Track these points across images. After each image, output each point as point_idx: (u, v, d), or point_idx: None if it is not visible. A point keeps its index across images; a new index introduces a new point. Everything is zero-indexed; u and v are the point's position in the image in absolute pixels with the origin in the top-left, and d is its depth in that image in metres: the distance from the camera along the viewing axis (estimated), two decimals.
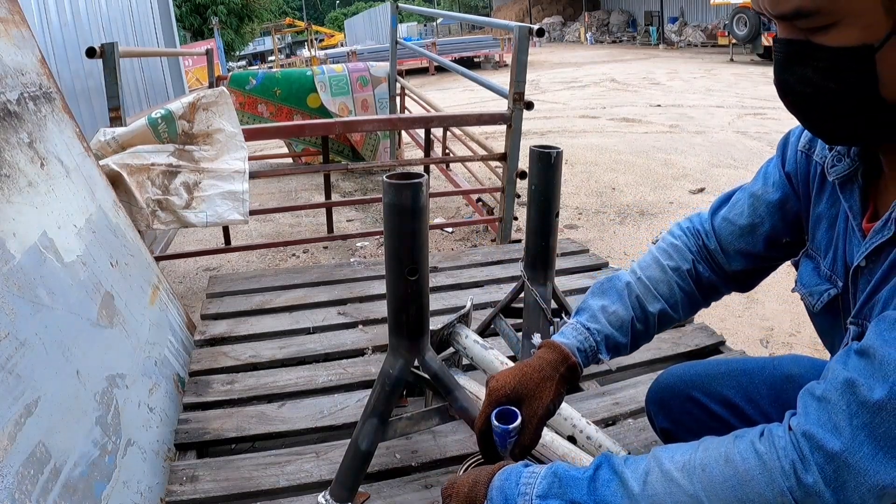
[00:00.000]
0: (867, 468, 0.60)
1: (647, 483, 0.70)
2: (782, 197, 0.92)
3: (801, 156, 0.89)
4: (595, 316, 0.98)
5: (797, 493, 0.63)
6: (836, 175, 0.80)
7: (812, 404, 0.66)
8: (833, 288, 0.82)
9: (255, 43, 30.07)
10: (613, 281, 1.03)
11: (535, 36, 2.74)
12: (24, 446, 1.00)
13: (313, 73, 5.15)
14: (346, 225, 4.08)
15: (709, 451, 0.70)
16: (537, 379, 0.91)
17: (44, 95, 1.67)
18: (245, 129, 2.51)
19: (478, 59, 18.26)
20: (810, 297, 0.87)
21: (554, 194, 1.51)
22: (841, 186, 0.80)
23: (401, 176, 1.08)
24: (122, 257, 1.73)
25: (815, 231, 0.87)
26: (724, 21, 16.54)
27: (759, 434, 0.69)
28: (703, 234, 1.02)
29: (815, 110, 0.69)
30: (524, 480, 0.76)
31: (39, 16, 3.60)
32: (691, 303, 1.03)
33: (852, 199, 0.78)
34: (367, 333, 1.96)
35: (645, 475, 0.70)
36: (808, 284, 0.87)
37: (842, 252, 0.81)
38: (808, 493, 0.63)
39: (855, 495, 0.61)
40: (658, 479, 0.69)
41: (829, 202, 0.84)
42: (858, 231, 0.77)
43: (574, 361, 0.93)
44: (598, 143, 6.11)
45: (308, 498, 1.27)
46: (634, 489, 0.70)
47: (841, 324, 0.83)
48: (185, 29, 20.61)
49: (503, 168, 3.06)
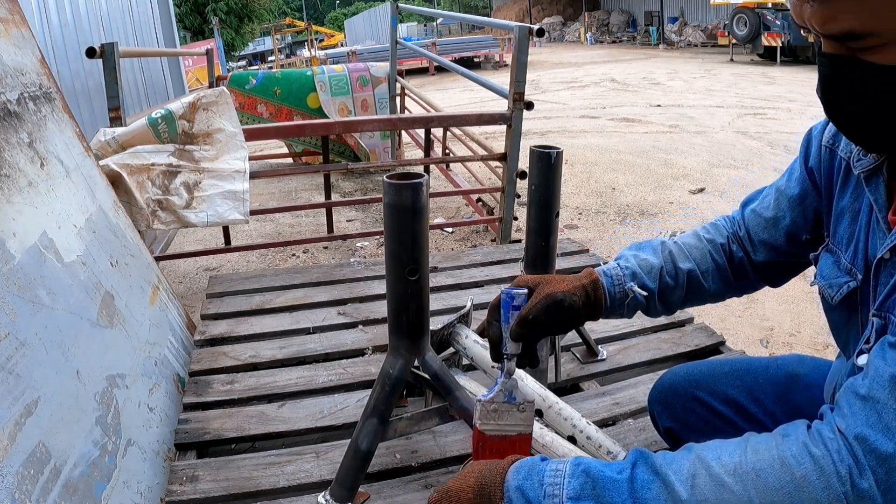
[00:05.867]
0: None
1: (695, 487, 0.65)
2: (802, 192, 0.94)
3: (824, 151, 0.90)
4: (625, 256, 1.04)
5: (851, 497, 0.61)
6: (861, 168, 0.82)
7: (857, 404, 0.64)
8: (853, 280, 0.83)
9: (255, 43, 30.04)
10: (649, 241, 1.08)
11: (535, 36, 2.74)
12: (24, 446, 1.00)
13: (313, 73, 5.15)
14: (346, 225, 4.08)
15: (759, 453, 0.66)
16: (558, 278, 0.97)
17: (44, 95, 1.67)
18: (245, 129, 2.51)
19: (478, 59, 18.26)
20: (829, 289, 0.87)
21: (554, 194, 1.51)
22: (866, 180, 0.81)
23: (401, 176, 1.08)
24: (122, 257, 1.73)
25: (836, 225, 0.88)
26: (724, 21, 16.55)
27: (808, 434, 0.66)
28: (736, 223, 1.05)
29: (861, 123, 0.72)
30: (549, 480, 0.69)
31: (39, 16, 3.60)
32: (722, 277, 1.04)
33: (878, 192, 0.79)
34: (367, 333, 1.96)
35: (691, 478, 0.66)
36: (827, 277, 0.88)
37: (863, 245, 0.82)
38: (862, 497, 0.61)
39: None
40: (707, 484, 0.65)
41: (852, 196, 0.85)
42: (884, 223, 0.77)
43: (597, 278, 0.98)
44: (598, 143, 6.11)
45: (308, 498, 1.27)
46: (682, 495, 0.65)
47: (857, 319, 0.84)
48: (185, 29, 20.61)
49: (503, 168, 3.06)
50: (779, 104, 7.96)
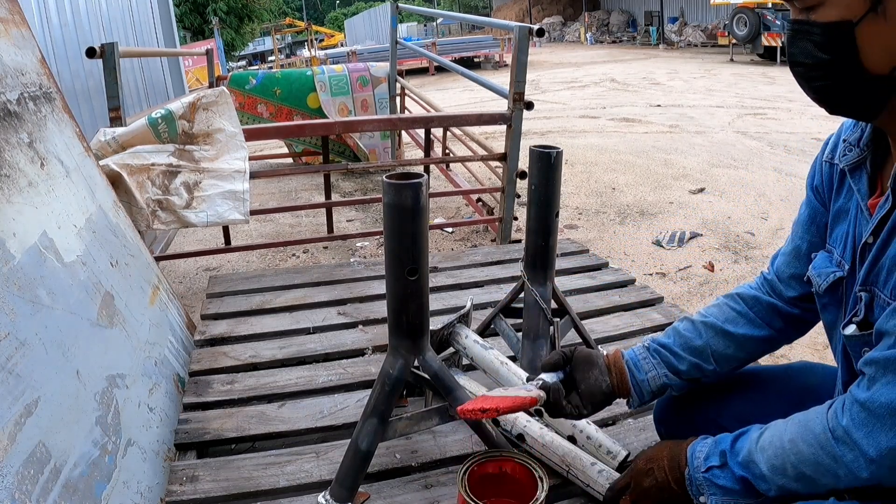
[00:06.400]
0: None
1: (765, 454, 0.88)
2: (811, 212, 1.00)
3: (825, 166, 0.96)
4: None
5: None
6: (846, 163, 0.88)
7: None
8: (840, 271, 0.89)
9: (255, 43, 30.01)
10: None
11: (535, 36, 2.74)
12: (24, 446, 1.00)
13: (313, 73, 5.15)
14: (346, 225, 4.08)
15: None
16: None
17: (44, 95, 1.67)
18: (245, 129, 2.51)
19: (478, 59, 18.26)
20: (818, 277, 0.94)
21: (554, 194, 1.51)
22: (850, 173, 0.87)
23: (401, 176, 1.08)
24: (122, 257, 1.73)
25: (834, 226, 0.93)
26: (724, 21, 16.54)
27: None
28: (767, 276, 1.10)
29: (813, 79, 0.80)
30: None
31: (39, 16, 3.59)
32: (747, 320, 1.08)
33: (861, 182, 0.86)
34: (367, 333, 1.96)
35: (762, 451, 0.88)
36: (818, 268, 0.94)
37: (852, 237, 0.87)
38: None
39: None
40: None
41: (846, 196, 0.90)
42: (866, 210, 0.84)
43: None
44: (598, 143, 6.11)
45: (308, 498, 1.27)
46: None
47: (841, 314, 0.90)
48: (185, 28, 20.58)
49: (503, 168, 3.06)
50: (779, 104, 7.96)
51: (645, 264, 3.22)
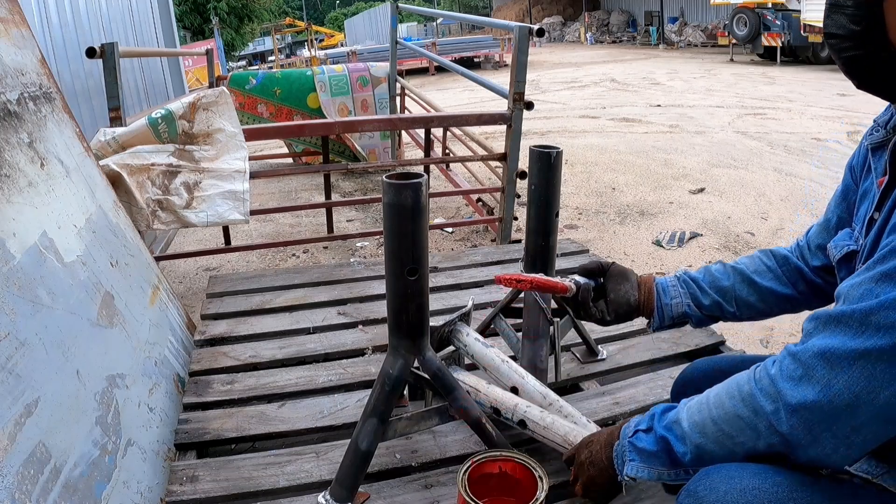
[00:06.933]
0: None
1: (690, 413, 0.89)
2: (844, 189, 1.03)
3: (864, 149, 0.99)
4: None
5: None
6: (870, 141, 0.91)
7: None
8: (854, 244, 0.92)
9: (255, 43, 30.03)
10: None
11: (535, 36, 2.74)
12: (24, 446, 1.00)
13: (313, 73, 5.15)
14: (346, 225, 4.08)
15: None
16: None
17: (44, 95, 1.67)
18: (245, 129, 2.51)
19: (478, 59, 18.26)
20: (833, 249, 0.97)
21: (554, 194, 1.51)
22: (873, 151, 0.90)
23: (401, 176, 1.08)
24: (122, 257, 1.73)
25: (859, 206, 0.96)
26: (724, 21, 16.54)
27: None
28: (800, 241, 1.14)
29: (843, 50, 0.82)
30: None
31: (39, 16, 3.59)
32: (775, 276, 1.13)
33: (879, 161, 0.89)
34: (367, 333, 1.96)
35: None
36: (836, 241, 0.98)
37: (868, 215, 0.89)
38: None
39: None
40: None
41: (871, 176, 0.93)
42: (877, 189, 0.86)
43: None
44: (598, 143, 6.11)
45: (308, 498, 1.27)
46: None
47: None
48: (185, 28, 20.59)
49: (503, 168, 3.06)
50: (779, 104, 7.95)
51: (645, 264, 3.22)
